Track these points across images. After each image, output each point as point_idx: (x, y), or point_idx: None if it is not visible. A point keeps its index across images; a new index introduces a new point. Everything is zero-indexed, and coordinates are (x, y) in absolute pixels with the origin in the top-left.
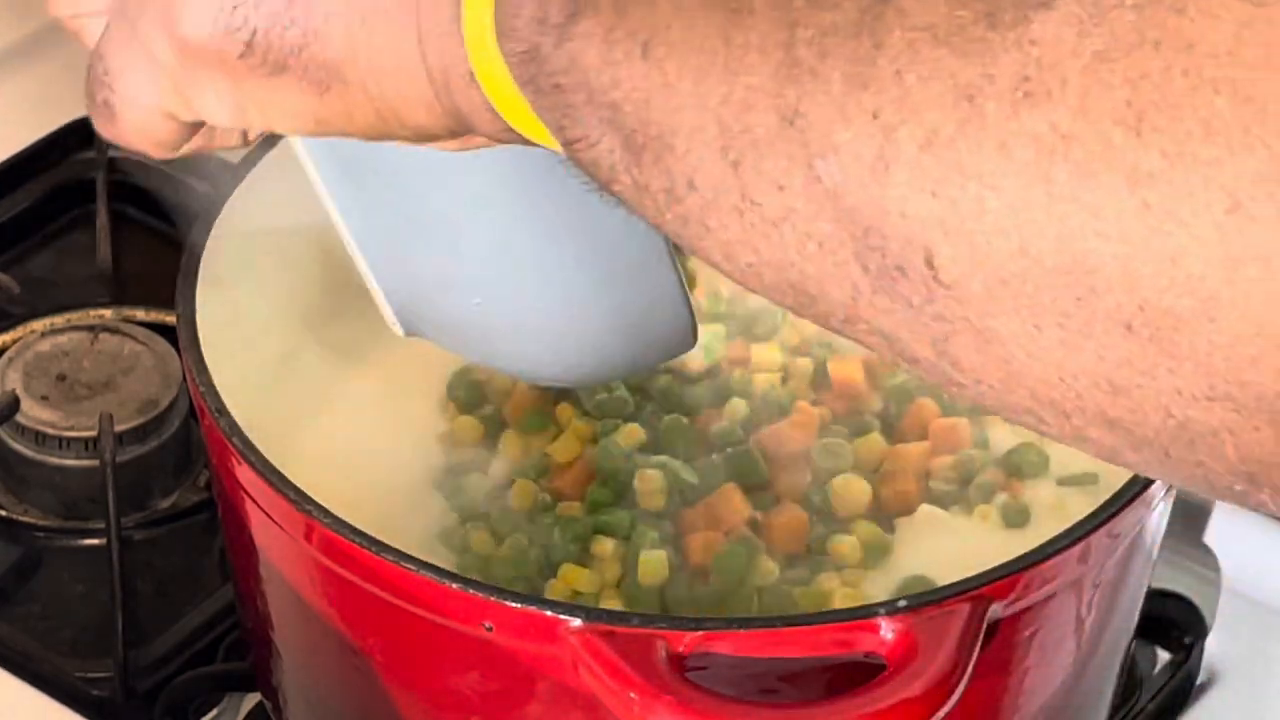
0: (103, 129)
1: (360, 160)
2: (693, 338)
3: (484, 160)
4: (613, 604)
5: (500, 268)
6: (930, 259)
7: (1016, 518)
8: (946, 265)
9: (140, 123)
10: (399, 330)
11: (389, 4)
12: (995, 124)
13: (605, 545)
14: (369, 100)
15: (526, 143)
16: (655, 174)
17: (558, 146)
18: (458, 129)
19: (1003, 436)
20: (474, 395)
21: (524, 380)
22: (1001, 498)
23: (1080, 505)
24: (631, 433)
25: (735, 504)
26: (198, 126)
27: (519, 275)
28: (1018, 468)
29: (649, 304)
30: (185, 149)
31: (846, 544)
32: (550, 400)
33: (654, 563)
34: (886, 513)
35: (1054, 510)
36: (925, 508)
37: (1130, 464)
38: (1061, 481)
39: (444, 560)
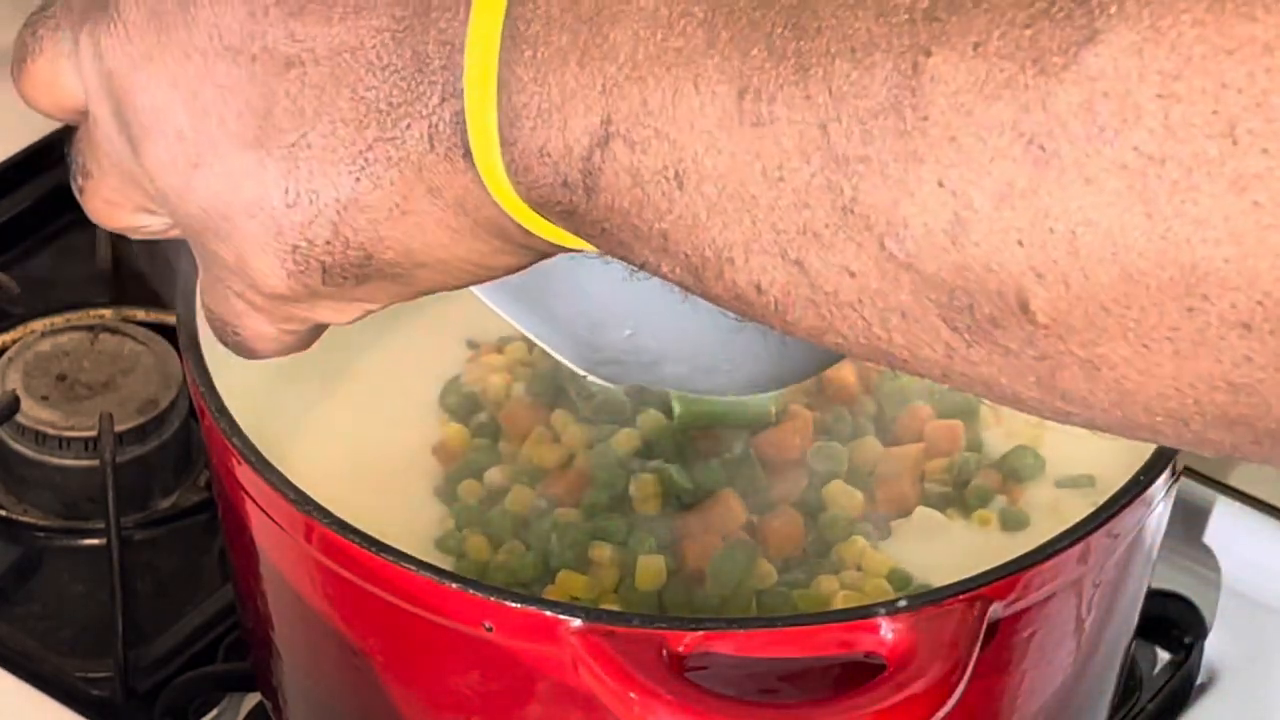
0: (246, 357)
1: None
2: None
3: None
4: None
5: (633, 295)
6: (1025, 305)
7: (1015, 523)
8: (1043, 307)
9: (274, 347)
10: (603, 383)
11: (416, 192)
12: (1075, 163)
13: (603, 551)
14: (451, 270)
15: None
16: (721, 287)
17: None
18: (542, 256)
19: (998, 439)
20: (466, 403)
21: (706, 394)
22: (1000, 502)
23: (1077, 508)
24: (627, 438)
25: (732, 508)
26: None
27: (654, 299)
28: (1014, 470)
29: None
30: (321, 332)
31: (844, 548)
32: (546, 406)
33: (652, 568)
34: (882, 515)
35: (1051, 513)
36: (921, 510)
37: (1249, 455)
38: (1059, 484)
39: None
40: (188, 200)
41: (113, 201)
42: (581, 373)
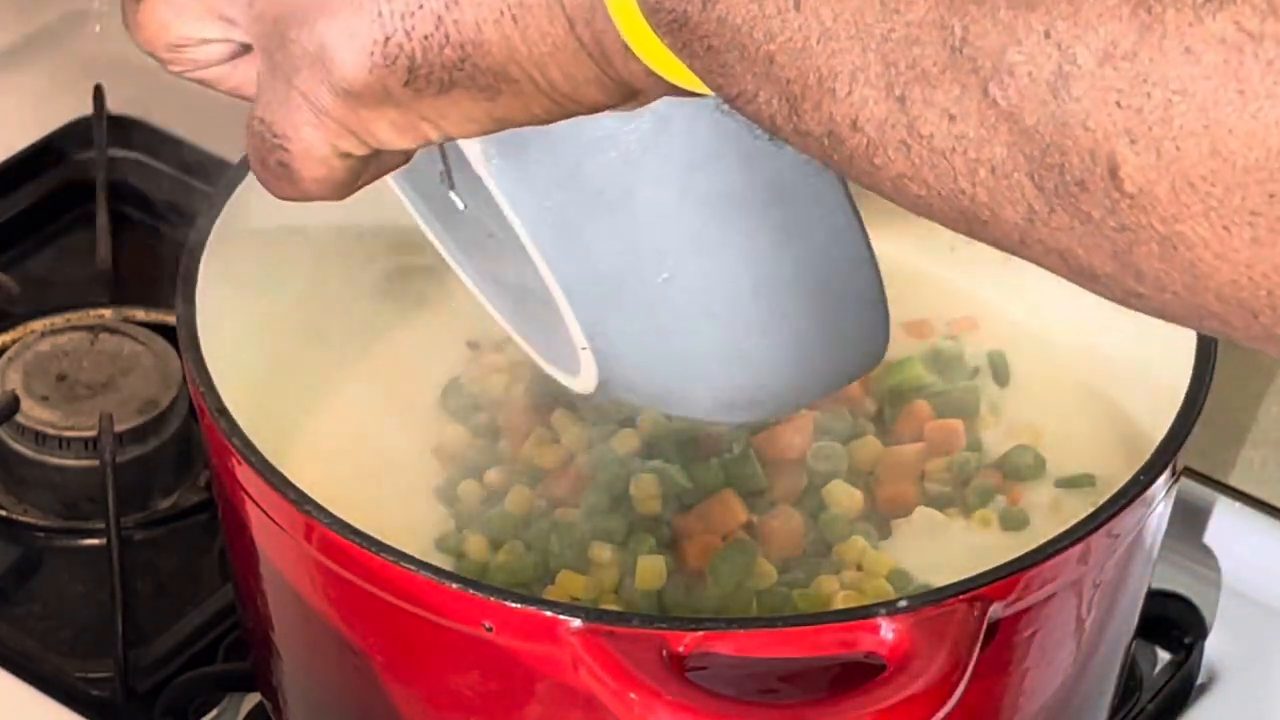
0: (280, 189)
1: (526, 150)
2: (884, 344)
3: (655, 130)
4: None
5: (683, 230)
6: (1114, 170)
7: (1015, 523)
8: (1132, 174)
9: (320, 173)
10: (590, 379)
11: None
12: (1177, 31)
13: (603, 551)
14: (539, 91)
15: (699, 95)
16: (815, 120)
17: None
18: (630, 96)
19: (998, 439)
20: (467, 404)
21: (710, 419)
22: (1000, 502)
23: (1077, 507)
24: (627, 438)
25: (732, 508)
26: (372, 158)
27: (704, 238)
28: (1015, 470)
29: (844, 285)
30: (361, 182)
31: (844, 548)
32: (546, 407)
33: (652, 568)
34: (882, 515)
35: (1051, 513)
36: (921, 510)
37: None
38: (1059, 484)
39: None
40: None
41: (179, 4)
42: (590, 380)
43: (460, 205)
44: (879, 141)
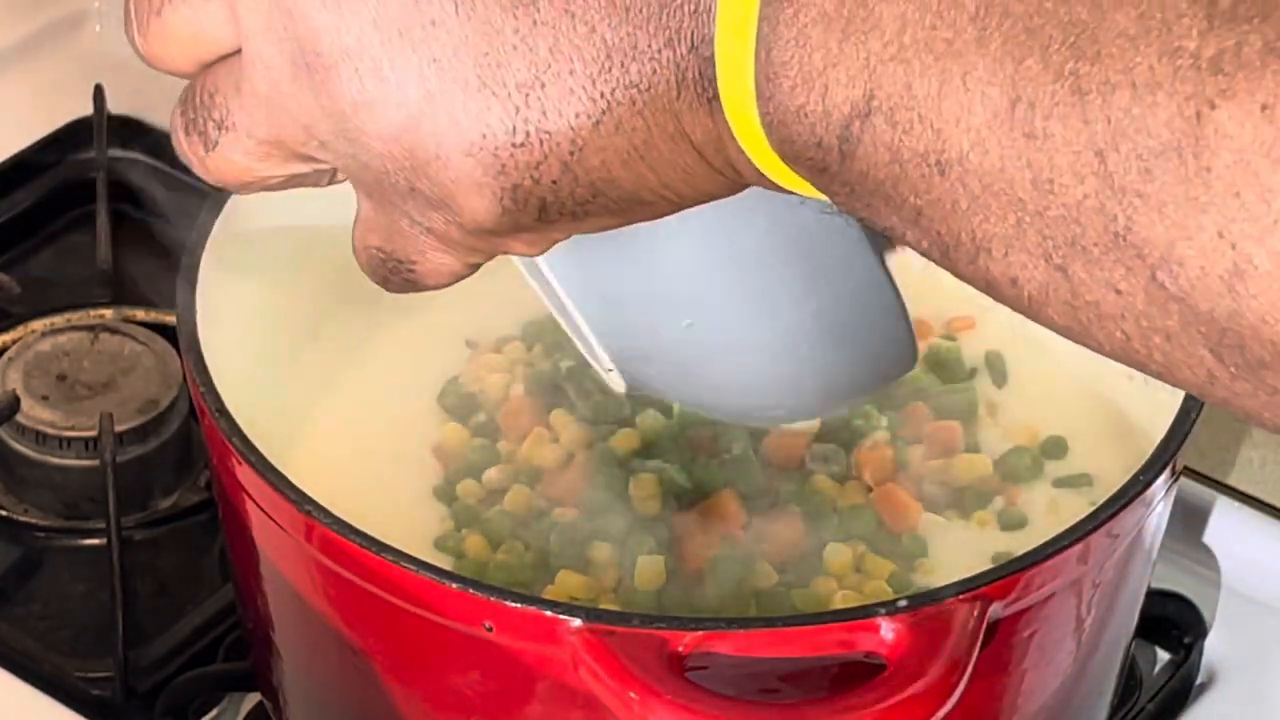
0: (403, 291)
1: None
2: (913, 358)
3: None
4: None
5: (707, 283)
6: None
7: (1014, 523)
8: None
9: (448, 280)
10: (618, 384)
11: (657, 136)
12: None
13: (602, 550)
14: (669, 203)
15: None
16: (971, 272)
17: None
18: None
19: (996, 440)
20: (465, 403)
21: (743, 422)
22: (999, 503)
23: (1077, 507)
24: (627, 438)
25: (731, 509)
26: None
27: (728, 291)
28: (1013, 471)
29: (866, 323)
30: None
31: (843, 550)
32: (545, 406)
33: (651, 568)
34: (882, 517)
35: (1050, 513)
36: (921, 512)
37: None
38: (1057, 484)
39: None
40: (385, 140)
41: (257, 153)
42: (603, 368)
43: None
44: (1041, 300)
